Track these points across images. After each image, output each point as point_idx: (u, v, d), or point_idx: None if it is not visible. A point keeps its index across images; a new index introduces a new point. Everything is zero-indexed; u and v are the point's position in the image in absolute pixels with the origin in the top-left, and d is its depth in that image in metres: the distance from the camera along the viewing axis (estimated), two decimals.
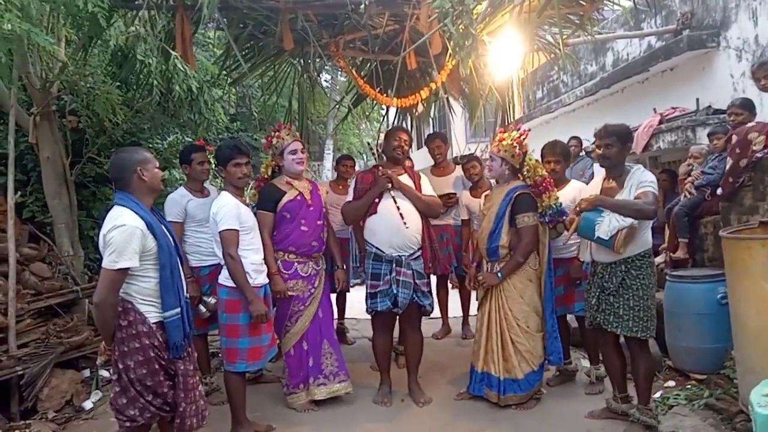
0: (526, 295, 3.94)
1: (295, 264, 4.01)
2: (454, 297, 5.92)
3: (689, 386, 4.02)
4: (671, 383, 4.16)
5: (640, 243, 3.36)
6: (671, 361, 4.36)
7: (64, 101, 5.41)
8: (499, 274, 3.90)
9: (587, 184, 4.31)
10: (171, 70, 4.89)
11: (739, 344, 3.42)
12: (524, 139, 4.00)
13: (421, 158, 8.82)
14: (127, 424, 2.69)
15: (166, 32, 4.62)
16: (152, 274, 2.66)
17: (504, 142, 3.97)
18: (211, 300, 3.89)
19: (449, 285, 5.85)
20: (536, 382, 4.01)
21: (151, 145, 6.23)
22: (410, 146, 4.37)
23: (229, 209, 3.47)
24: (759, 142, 4.07)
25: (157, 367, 2.66)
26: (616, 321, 3.40)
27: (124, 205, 2.65)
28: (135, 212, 2.63)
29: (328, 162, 14.79)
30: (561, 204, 3.96)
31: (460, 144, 9.04)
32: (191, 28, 4.11)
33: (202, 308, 3.92)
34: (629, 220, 3.22)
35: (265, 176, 4.28)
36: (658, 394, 3.99)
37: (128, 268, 2.58)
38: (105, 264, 2.57)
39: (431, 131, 7.04)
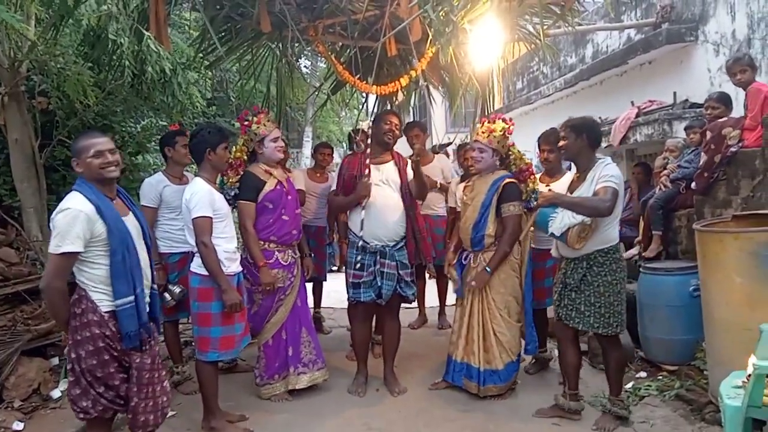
0: (509, 285, 3.94)
1: (276, 253, 3.96)
2: (431, 287, 5.92)
3: (660, 377, 4.07)
4: (643, 374, 4.22)
5: (603, 239, 3.34)
6: (643, 352, 4.41)
7: (34, 82, 5.25)
8: (488, 269, 3.87)
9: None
10: (144, 51, 4.76)
11: (709, 336, 3.46)
12: (512, 128, 4.00)
13: (399, 147, 8.76)
14: (81, 415, 2.62)
15: (140, 12, 4.49)
16: (103, 261, 2.58)
17: (495, 133, 3.95)
18: (176, 289, 3.83)
19: (426, 275, 5.85)
20: (514, 372, 4.03)
21: (124, 129, 6.08)
22: (400, 130, 4.29)
23: (202, 196, 3.39)
24: (733, 137, 4.11)
25: (107, 358, 2.57)
26: (578, 317, 3.42)
27: (77, 190, 2.60)
28: (86, 196, 2.55)
29: (307, 149, 14.64)
30: (536, 191, 3.96)
31: (439, 134, 9.02)
32: (166, 8, 4.00)
33: (167, 296, 3.85)
34: (580, 218, 3.23)
35: (242, 159, 4.12)
36: (629, 385, 4.04)
37: (74, 254, 2.50)
38: (50, 248, 2.52)
39: (411, 120, 7.00)
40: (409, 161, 4.15)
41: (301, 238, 4.26)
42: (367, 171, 4.05)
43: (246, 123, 4.00)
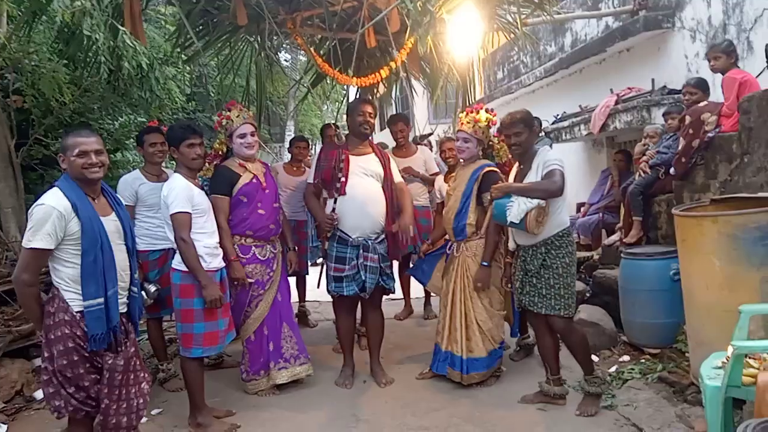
0: (492, 275, 3.95)
1: (253, 248, 3.91)
2: None
3: (643, 360, 4.13)
4: (626, 358, 4.27)
5: (556, 223, 3.43)
6: (626, 337, 4.46)
7: (8, 80, 5.16)
8: (485, 263, 3.87)
9: None
10: (120, 47, 4.70)
11: (690, 319, 3.51)
12: (495, 118, 4.01)
13: (383, 140, 8.77)
14: (55, 414, 2.61)
15: (114, 7, 4.43)
16: (75, 260, 2.55)
17: (480, 123, 3.95)
18: (151, 287, 3.79)
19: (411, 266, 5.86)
20: (497, 359, 4.06)
21: (101, 126, 6.00)
22: (375, 117, 4.24)
23: (180, 191, 3.36)
24: (711, 122, 4.15)
25: (76, 358, 2.54)
26: (540, 301, 3.47)
27: (58, 185, 2.58)
28: (64, 193, 2.53)
29: None
30: None
31: (420, 125, 9.01)
32: (140, 3, 3.94)
33: (144, 295, 3.82)
34: (536, 201, 3.30)
35: (220, 153, 4.12)
36: (613, 369, 4.09)
37: (44, 250, 2.48)
38: (23, 241, 2.51)
39: (394, 112, 6.99)
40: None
41: (287, 232, 4.24)
42: (332, 210, 4.04)
43: (219, 116, 3.98)
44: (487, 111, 4.02)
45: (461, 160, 4.12)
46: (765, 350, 2.47)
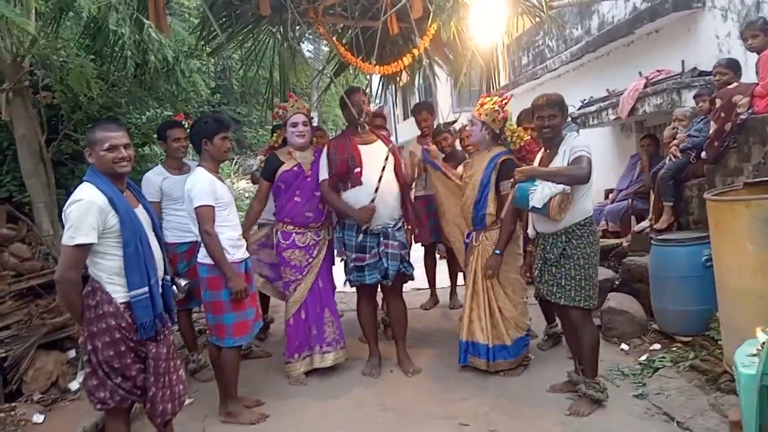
0: (511, 263, 3.93)
1: (293, 234, 4.08)
2: (441, 267, 5.92)
3: (674, 348, 4.06)
4: (657, 346, 4.20)
5: (579, 211, 3.33)
6: (657, 324, 4.39)
7: (37, 76, 5.24)
8: (497, 251, 3.84)
9: None
10: (146, 41, 4.73)
11: (723, 305, 3.44)
12: (506, 103, 3.95)
13: (408, 128, 8.74)
14: (98, 406, 2.65)
15: (139, 0, 4.46)
16: (116, 252, 2.59)
17: (485, 106, 3.91)
18: (181, 281, 3.82)
19: (437, 255, 5.84)
20: (524, 347, 4.04)
21: (129, 120, 6.07)
22: (368, 103, 4.24)
23: (203, 185, 3.42)
24: (743, 104, 4.03)
25: (123, 348, 2.60)
26: (559, 291, 3.40)
27: (89, 181, 2.60)
28: (97, 187, 2.57)
29: None
30: None
31: (444, 113, 8.94)
32: None
33: (175, 290, 3.86)
34: (561, 187, 3.23)
35: (274, 145, 4.38)
36: (643, 357, 4.03)
37: (88, 245, 2.51)
38: (63, 240, 2.52)
39: (417, 101, 6.94)
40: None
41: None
42: (371, 200, 3.97)
43: (279, 107, 4.24)
44: (499, 97, 3.99)
45: (459, 152, 4.13)
46: None
